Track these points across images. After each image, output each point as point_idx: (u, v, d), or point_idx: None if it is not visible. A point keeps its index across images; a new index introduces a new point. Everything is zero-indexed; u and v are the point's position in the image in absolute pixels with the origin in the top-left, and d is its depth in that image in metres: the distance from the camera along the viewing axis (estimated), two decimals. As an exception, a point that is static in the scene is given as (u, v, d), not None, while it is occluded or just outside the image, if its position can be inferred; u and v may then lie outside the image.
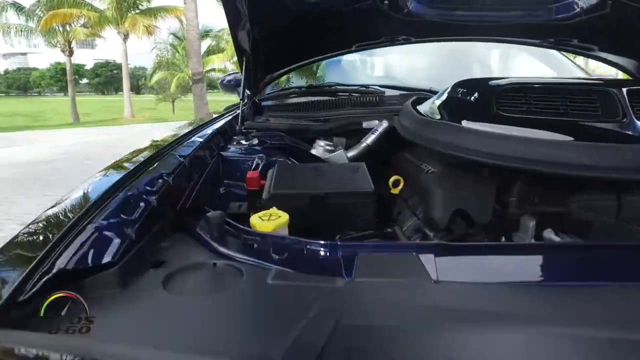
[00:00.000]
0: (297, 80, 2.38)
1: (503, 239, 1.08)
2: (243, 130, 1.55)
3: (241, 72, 1.76)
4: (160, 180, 0.84)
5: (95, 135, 11.74)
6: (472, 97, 1.10)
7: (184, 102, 19.87)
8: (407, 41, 1.75)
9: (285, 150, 1.36)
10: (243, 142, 1.46)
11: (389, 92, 1.83)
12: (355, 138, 1.65)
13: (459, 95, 1.18)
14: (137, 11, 16.91)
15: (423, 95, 1.76)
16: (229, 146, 1.41)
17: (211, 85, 20.43)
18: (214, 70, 21.74)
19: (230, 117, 1.74)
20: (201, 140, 1.23)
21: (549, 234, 0.96)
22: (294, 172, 1.12)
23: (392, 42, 1.74)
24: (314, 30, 1.67)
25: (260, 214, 0.86)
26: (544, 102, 1.00)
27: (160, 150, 1.05)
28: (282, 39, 1.69)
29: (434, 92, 1.80)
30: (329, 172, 1.12)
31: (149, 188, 0.80)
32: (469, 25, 1.66)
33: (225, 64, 20.92)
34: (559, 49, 1.82)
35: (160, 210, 0.78)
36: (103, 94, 39.06)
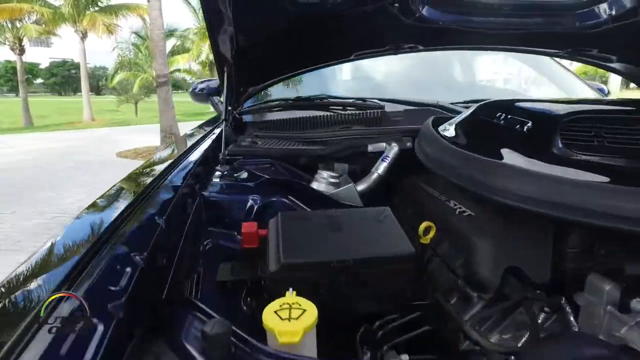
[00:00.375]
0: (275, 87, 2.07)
1: (563, 300, 0.87)
2: (227, 158, 1.28)
3: (221, 84, 1.48)
4: (129, 269, 0.56)
5: (52, 142, 10.97)
6: (525, 127, 0.88)
7: (148, 103, 19.07)
8: (414, 49, 1.53)
9: (284, 186, 1.10)
10: (227, 173, 1.19)
11: (389, 107, 1.61)
12: (358, 162, 1.42)
13: (502, 122, 0.96)
14: (97, 8, 15.99)
15: (430, 110, 1.55)
16: (211, 182, 1.13)
17: (175, 86, 19.70)
18: (178, 70, 21.00)
19: (210, 140, 1.46)
20: (179, 184, 0.95)
21: (638, 305, 0.76)
22: (303, 225, 0.87)
23: (397, 50, 1.52)
24: (308, 36, 1.42)
25: (275, 305, 0.60)
26: (621, 136, 0.79)
27: (126, 210, 0.76)
28: (272, 46, 1.43)
29: (443, 108, 1.59)
30: (348, 223, 0.87)
31: (112, 288, 0.51)
32: (482, 32, 1.46)
33: (191, 64, 20.26)
34: (576, 60, 1.65)
35: (131, 322, 0.51)
36: (60, 95, 37.10)
